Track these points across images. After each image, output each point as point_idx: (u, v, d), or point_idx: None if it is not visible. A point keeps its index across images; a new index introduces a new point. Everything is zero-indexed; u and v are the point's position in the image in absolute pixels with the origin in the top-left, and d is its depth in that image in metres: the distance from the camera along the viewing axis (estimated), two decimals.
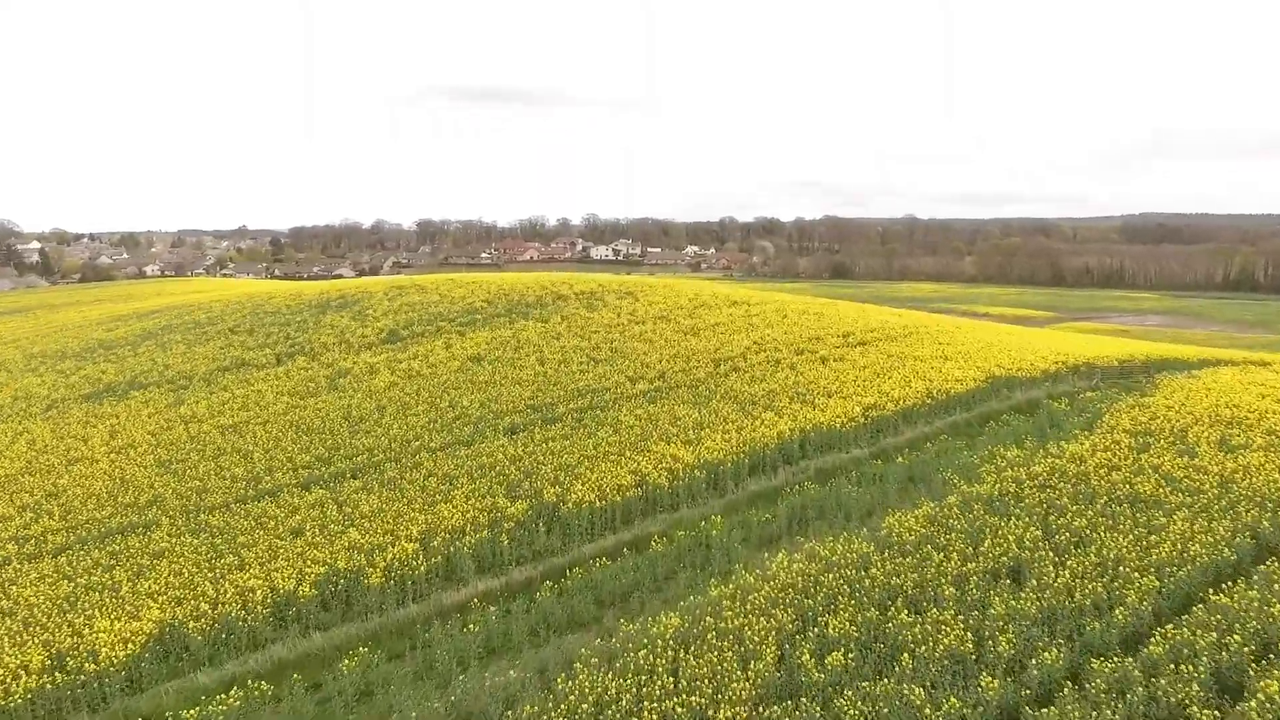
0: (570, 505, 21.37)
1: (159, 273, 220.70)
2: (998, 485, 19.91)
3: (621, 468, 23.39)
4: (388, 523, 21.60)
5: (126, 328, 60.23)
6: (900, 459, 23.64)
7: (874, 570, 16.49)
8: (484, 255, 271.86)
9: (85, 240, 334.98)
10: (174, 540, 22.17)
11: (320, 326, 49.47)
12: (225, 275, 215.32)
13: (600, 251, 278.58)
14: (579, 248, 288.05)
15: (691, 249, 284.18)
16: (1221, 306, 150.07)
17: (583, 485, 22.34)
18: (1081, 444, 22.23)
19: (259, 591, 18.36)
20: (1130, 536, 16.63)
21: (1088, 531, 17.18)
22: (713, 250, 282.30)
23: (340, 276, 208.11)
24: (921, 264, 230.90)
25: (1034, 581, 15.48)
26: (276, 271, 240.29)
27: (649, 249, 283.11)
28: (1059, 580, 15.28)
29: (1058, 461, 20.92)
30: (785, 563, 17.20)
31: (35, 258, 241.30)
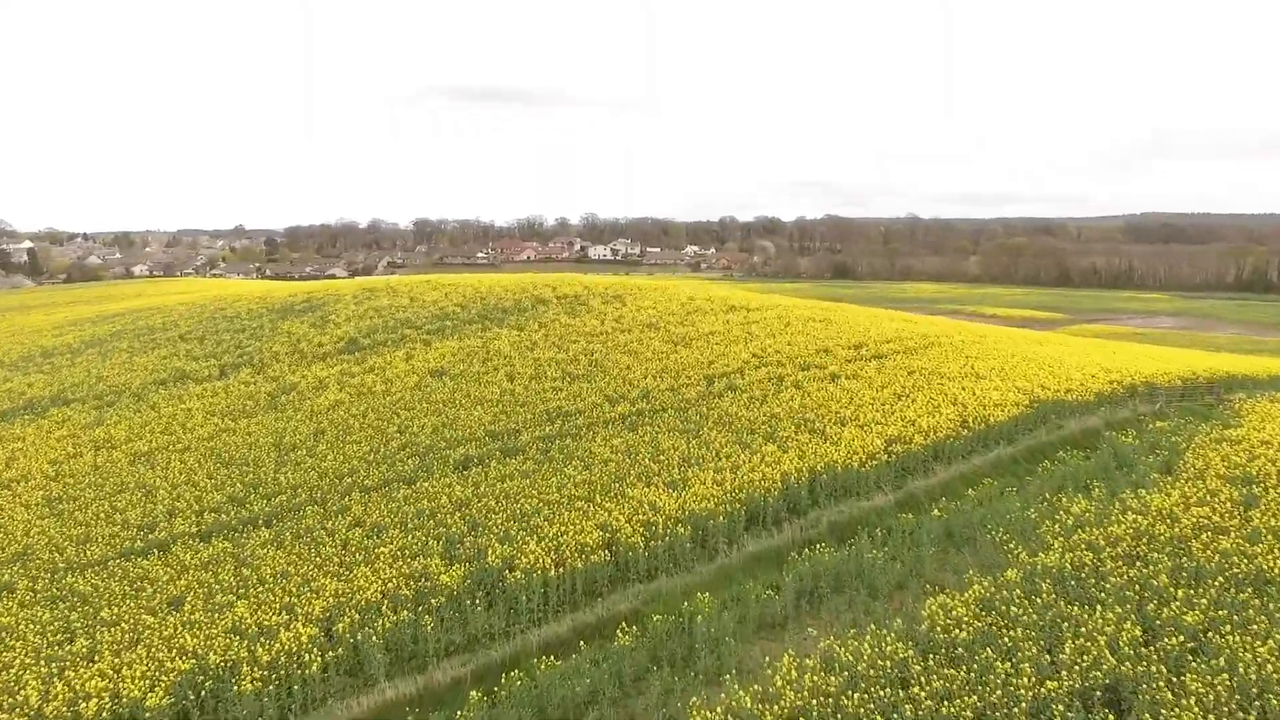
0: (519, 573, 16.81)
1: (147, 273, 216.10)
2: (1068, 554, 15.33)
3: (588, 519, 18.83)
4: (290, 592, 17.05)
5: (76, 333, 55.72)
6: (935, 510, 18.96)
7: (916, 689, 11.95)
8: (480, 255, 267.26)
9: (79, 240, 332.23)
10: (24, 612, 17.67)
11: (276, 334, 44.96)
12: (215, 275, 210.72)
13: (598, 251, 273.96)
14: (577, 247, 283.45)
15: (691, 249, 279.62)
16: (1235, 307, 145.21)
17: (538, 544, 17.79)
18: (1167, 494, 17.61)
19: (95, 702, 13.81)
20: (1269, 644, 12.06)
21: (1204, 633, 12.63)
22: (713, 250, 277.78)
23: (333, 277, 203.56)
24: (925, 264, 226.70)
25: (1146, 717, 10.94)
26: (268, 272, 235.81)
27: (648, 249, 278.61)
28: (1183, 717, 10.75)
29: (1141, 520, 16.32)
30: (793, 672, 12.65)
31: (24, 257, 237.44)
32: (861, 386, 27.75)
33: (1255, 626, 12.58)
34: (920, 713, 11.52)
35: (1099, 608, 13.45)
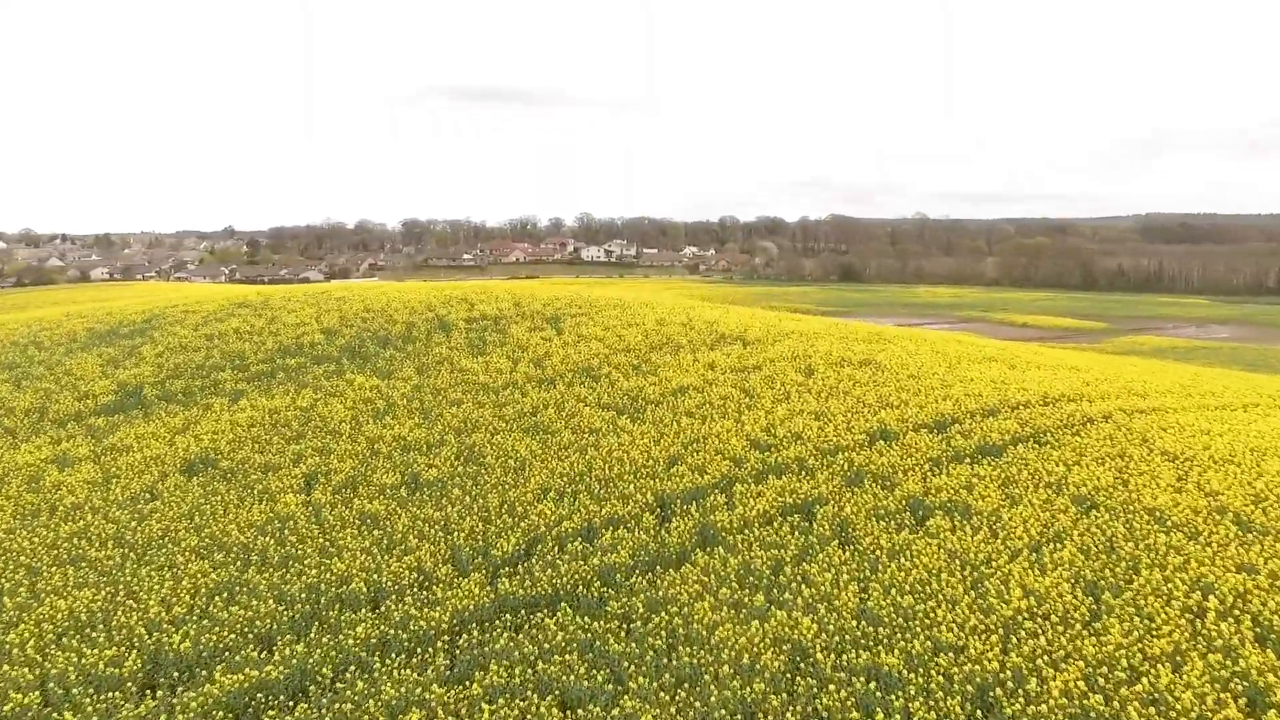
0: None
1: (106, 276, 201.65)
2: None
3: None
4: None
5: None
6: None
7: None
8: (466, 257, 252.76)
9: (57, 241, 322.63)
10: None
11: (49, 374, 30.37)
12: (179, 279, 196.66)
13: (591, 252, 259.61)
14: (570, 248, 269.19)
15: (690, 250, 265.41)
16: None
17: None
18: None
19: None
20: None
21: None
22: (712, 251, 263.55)
23: (307, 280, 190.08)
24: (937, 266, 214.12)
25: None
26: (239, 275, 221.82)
27: (645, 249, 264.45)
28: None
29: None
30: None
31: None
32: (987, 548, 12.54)
33: None
34: None
35: None
